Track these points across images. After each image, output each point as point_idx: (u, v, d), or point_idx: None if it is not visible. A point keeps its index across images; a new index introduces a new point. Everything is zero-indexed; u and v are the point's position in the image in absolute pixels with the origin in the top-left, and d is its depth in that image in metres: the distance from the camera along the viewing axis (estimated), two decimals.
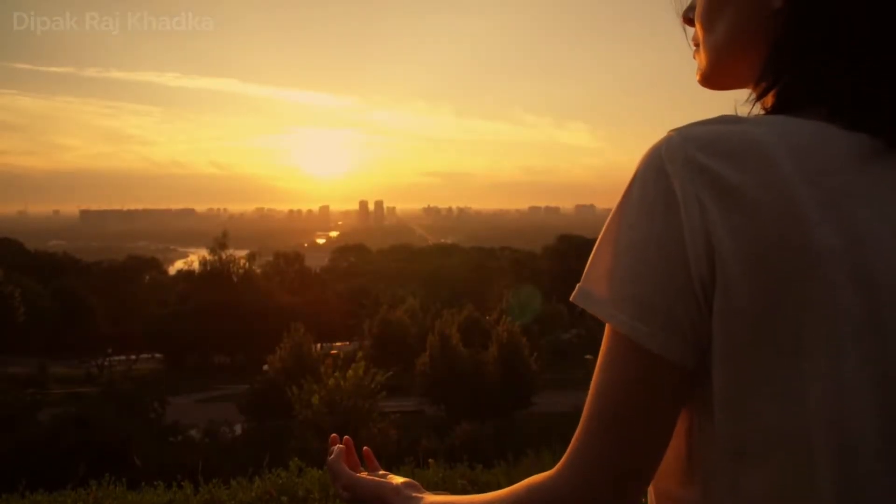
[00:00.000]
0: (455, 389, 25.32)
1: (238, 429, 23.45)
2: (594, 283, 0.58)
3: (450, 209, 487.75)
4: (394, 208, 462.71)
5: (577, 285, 0.59)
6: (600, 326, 0.59)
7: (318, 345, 35.00)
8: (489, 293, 46.01)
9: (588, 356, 30.74)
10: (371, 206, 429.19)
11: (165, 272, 67.58)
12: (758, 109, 0.65)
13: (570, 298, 0.59)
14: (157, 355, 43.44)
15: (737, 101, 0.66)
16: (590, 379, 0.57)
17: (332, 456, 0.86)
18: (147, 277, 57.65)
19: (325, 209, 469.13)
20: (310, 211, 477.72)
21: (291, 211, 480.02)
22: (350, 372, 19.51)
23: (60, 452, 14.99)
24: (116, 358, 41.99)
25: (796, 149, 0.54)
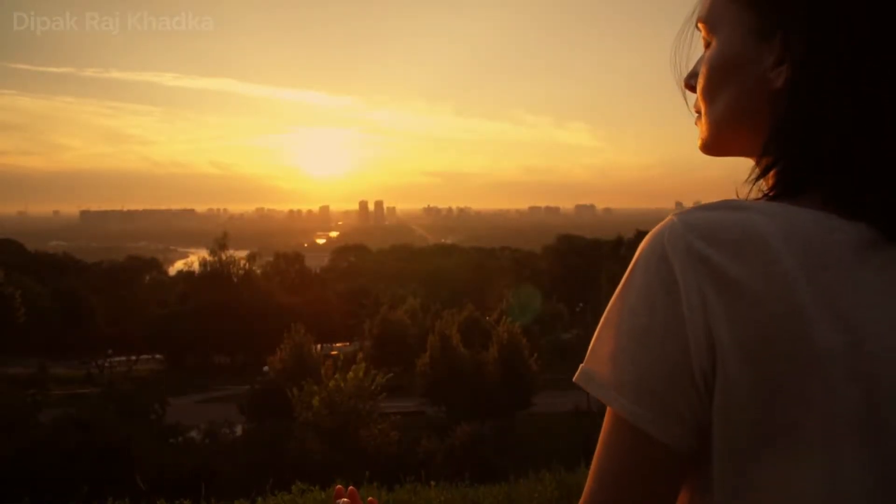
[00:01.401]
0: (455, 390, 25.34)
1: (238, 430, 23.47)
2: (597, 365, 0.59)
3: (450, 209, 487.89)
4: (394, 208, 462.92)
5: (581, 365, 0.60)
6: None
7: (319, 345, 35.03)
8: (489, 293, 46.02)
9: None
10: (371, 206, 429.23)
11: (165, 272, 67.62)
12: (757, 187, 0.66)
13: (574, 379, 0.60)
14: (158, 356, 43.48)
15: (736, 183, 0.67)
16: None
17: None
18: (147, 278, 57.68)
19: (325, 209, 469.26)
20: (310, 211, 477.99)
21: (291, 211, 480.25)
22: (350, 373, 19.52)
23: (62, 455, 15.01)
24: (117, 359, 42.01)
25: (797, 241, 0.54)
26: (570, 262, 53.11)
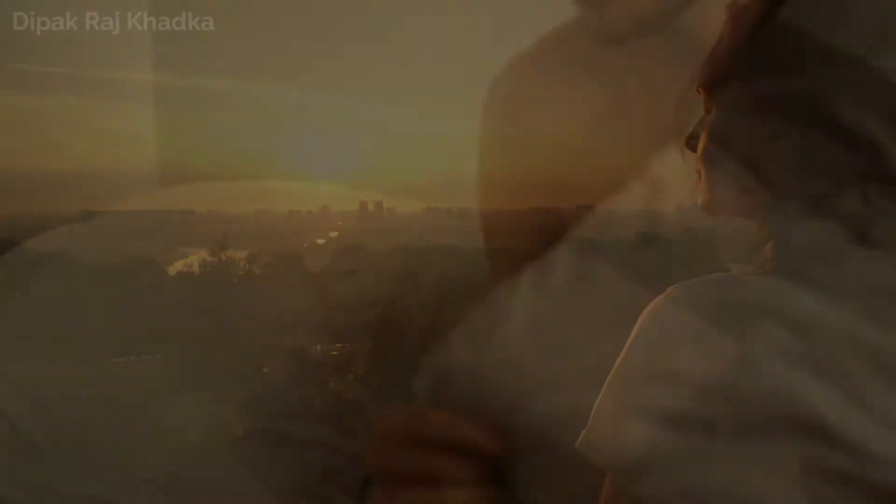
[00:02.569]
0: None
1: (238, 431, 23.50)
2: (598, 434, 0.61)
3: (450, 209, 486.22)
4: (394, 208, 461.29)
5: (582, 432, 0.62)
6: None
7: (318, 346, 35.01)
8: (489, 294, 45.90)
9: None
10: (371, 207, 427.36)
11: (165, 273, 67.45)
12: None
13: (575, 445, 0.62)
14: (157, 357, 43.47)
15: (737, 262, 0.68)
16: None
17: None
18: (147, 278, 57.62)
19: (325, 209, 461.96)
20: (310, 211, 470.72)
21: (291, 211, 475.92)
22: (350, 374, 19.55)
23: (62, 459, 15.05)
24: (116, 360, 42.04)
25: (791, 319, 0.55)
26: None
